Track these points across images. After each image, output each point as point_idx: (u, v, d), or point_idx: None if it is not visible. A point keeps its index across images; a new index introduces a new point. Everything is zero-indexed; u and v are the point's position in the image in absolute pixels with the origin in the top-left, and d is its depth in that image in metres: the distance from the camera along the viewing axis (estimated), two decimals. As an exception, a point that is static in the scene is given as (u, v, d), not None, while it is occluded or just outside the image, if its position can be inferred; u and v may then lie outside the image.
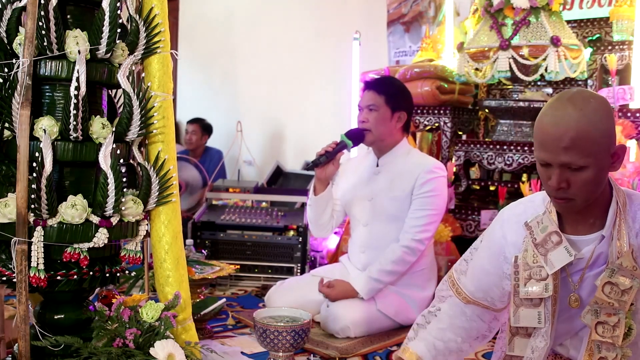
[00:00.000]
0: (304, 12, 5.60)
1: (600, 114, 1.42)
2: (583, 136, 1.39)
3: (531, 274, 1.55)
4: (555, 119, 1.42)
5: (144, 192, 1.86)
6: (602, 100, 1.47)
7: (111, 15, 1.74)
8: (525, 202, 1.68)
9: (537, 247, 1.54)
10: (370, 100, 2.71)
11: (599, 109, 1.43)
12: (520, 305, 1.58)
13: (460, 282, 1.77)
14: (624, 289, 1.44)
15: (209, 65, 6.43)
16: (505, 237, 1.65)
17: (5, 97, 1.68)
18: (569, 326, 1.59)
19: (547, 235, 1.53)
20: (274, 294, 2.82)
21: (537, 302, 1.56)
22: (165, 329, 1.79)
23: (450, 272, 1.83)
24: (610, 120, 1.45)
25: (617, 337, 1.44)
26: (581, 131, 1.39)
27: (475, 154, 3.36)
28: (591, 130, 1.40)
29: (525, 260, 1.57)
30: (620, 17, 3.27)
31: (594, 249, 1.51)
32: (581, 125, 1.39)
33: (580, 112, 1.41)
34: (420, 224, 2.66)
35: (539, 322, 1.55)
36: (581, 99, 1.43)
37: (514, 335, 1.62)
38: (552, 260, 1.52)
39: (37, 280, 1.67)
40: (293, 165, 5.51)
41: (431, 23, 4.82)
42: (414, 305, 2.74)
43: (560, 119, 1.41)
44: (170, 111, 1.98)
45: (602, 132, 1.41)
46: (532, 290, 1.55)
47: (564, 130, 1.40)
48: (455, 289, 1.78)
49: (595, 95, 1.48)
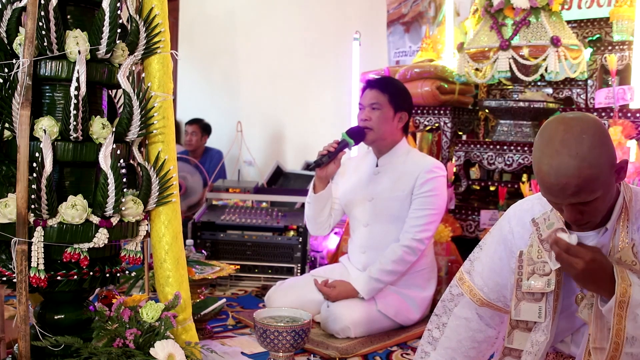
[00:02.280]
0: (304, 12, 5.60)
1: (597, 150, 1.38)
2: (587, 180, 1.37)
3: (535, 269, 1.56)
4: (554, 170, 1.38)
5: (144, 193, 1.86)
6: (595, 128, 1.40)
7: (111, 15, 1.74)
8: (533, 199, 1.69)
9: (542, 242, 1.56)
10: (374, 98, 2.71)
11: (593, 144, 1.38)
12: (521, 299, 1.59)
13: (475, 283, 1.74)
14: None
15: (209, 65, 6.43)
16: (512, 233, 1.67)
17: (6, 97, 1.68)
18: (570, 323, 1.60)
19: (553, 231, 1.53)
20: (274, 294, 2.82)
21: (538, 296, 1.57)
22: (166, 329, 1.79)
23: (460, 275, 1.80)
24: (606, 146, 1.41)
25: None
26: (583, 177, 1.37)
27: (475, 154, 3.36)
28: (593, 171, 1.37)
29: (529, 255, 1.58)
30: (620, 17, 3.27)
31: (596, 243, 1.51)
32: (583, 172, 1.36)
33: (577, 157, 1.36)
34: (421, 224, 2.67)
35: (539, 317, 1.57)
36: (573, 140, 1.38)
37: (514, 328, 1.63)
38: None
39: (37, 281, 1.67)
40: (293, 165, 5.51)
41: (431, 23, 4.82)
42: (414, 305, 2.74)
43: (559, 169, 1.38)
44: (170, 111, 1.98)
45: (602, 166, 1.39)
46: (535, 284, 1.56)
47: (567, 180, 1.37)
48: (469, 292, 1.75)
49: (585, 126, 1.40)
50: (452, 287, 1.81)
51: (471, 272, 1.77)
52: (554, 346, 1.67)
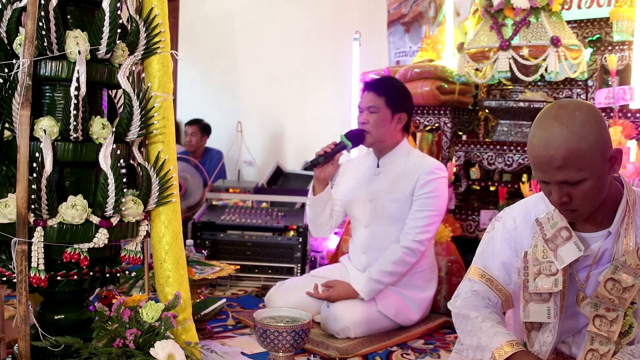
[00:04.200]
0: (304, 12, 5.60)
1: (588, 126, 1.41)
2: (574, 153, 1.40)
3: (541, 269, 1.56)
4: (543, 141, 1.43)
5: (144, 193, 1.86)
6: (589, 109, 1.45)
7: (111, 15, 1.74)
8: (537, 198, 1.70)
9: (547, 242, 1.56)
10: (371, 101, 2.71)
11: (585, 120, 1.42)
12: (529, 301, 1.59)
13: (495, 277, 1.70)
14: (626, 286, 1.45)
15: (209, 65, 6.43)
16: (516, 230, 1.67)
17: (6, 98, 1.68)
18: (573, 323, 1.60)
19: (557, 230, 1.54)
20: (274, 294, 2.82)
21: (546, 297, 1.57)
22: (166, 329, 1.79)
23: (475, 270, 1.73)
24: (600, 128, 1.44)
25: (613, 333, 1.46)
26: (571, 149, 1.40)
27: (475, 154, 3.36)
28: (581, 145, 1.40)
29: (535, 256, 1.58)
30: (621, 18, 3.27)
31: (600, 246, 1.52)
32: (570, 143, 1.40)
33: (567, 129, 1.41)
34: (421, 225, 2.66)
35: (548, 317, 1.57)
36: (566, 114, 1.42)
37: (530, 331, 1.62)
38: (561, 255, 1.53)
39: (38, 281, 1.67)
40: (293, 165, 5.51)
41: (431, 23, 4.82)
42: (415, 306, 2.74)
43: (548, 140, 1.42)
44: (171, 111, 1.98)
45: (592, 143, 1.41)
46: (542, 285, 1.56)
47: (554, 151, 1.41)
48: (494, 286, 1.69)
49: (580, 106, 1.46)
50: (471, 286, 1.71)
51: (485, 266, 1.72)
52: (556, 347, 1.67)
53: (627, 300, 1.45)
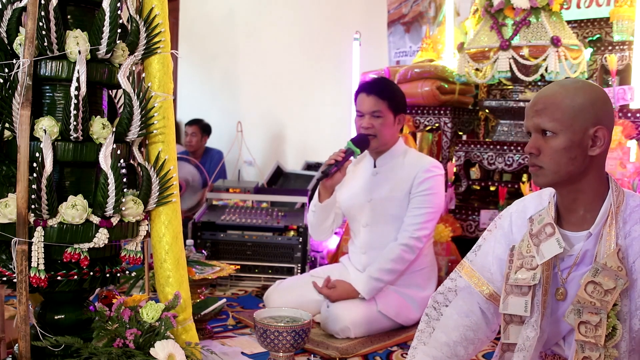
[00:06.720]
0: (304, 12, 5.60)
1: (581, 91, 1.48)
2: (555, 102, 1.47)
3: (523, 263, 1.58)
4: (538, 94, 1.52)
5: (144, 193, 1.86)
6: (593, 87, 1.52)
7: (111, 15, 1.74)
8: (534, 196, 1.71)
9: (532, 237, 1.57)
10: (374, 106, 2.70)
11: (582, 87, 1.49)
12: (510, 293, 1.60)
13: (484, 276, 1.72)
14: (607, 289, 1.44)
15: (209, 65, 6.43)
16: (511, 228, 1.69)
17: (6, 98, 1.68)
18: (562, 324, 1.59)
19: (543, 226, 1.56)
20: (273, 293, 2.82)
21: (525, 290, 1.57)
22: (166, 329, 1.79)
23: (463, 267, 1.76)
24: (594, 101, 1.47)
25: (600, 337, 1.44)
26: (554, 97, 1.48)
27: (475, 154, 3.36)
28: (565, 99, 1.47)
29: (520, 250, 1.60)
30: (621, 18, 3.27)
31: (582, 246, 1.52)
32: (556, 94, 1.48)
33: (561, 86, 1.50)
34: (419, 222, 2.67)
35: (525, 311, 1.57)
36: (571, 80, 1.52)
37: (508, 323, 1.63)
38: (542, 250, 1.54)
39: (38, 281, 1.67)
40: (293, 165, 5.52)
41: (431, 23, 4.82)
42: (415, 305, 2.74)
43: (541, 91, 1.52)
44: (171, 111, 1.98)
45: (576, 105, 1.46)
46: (521, 277, 1.57)
47: (540, 96, 1.50)
48: (474, 281, 1.72)
49: (588, 82, 1.54)
50: (454, 279, 1.77)
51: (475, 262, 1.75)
52: (552, 349, 1.67)
53: (609, 303, 1.44)
